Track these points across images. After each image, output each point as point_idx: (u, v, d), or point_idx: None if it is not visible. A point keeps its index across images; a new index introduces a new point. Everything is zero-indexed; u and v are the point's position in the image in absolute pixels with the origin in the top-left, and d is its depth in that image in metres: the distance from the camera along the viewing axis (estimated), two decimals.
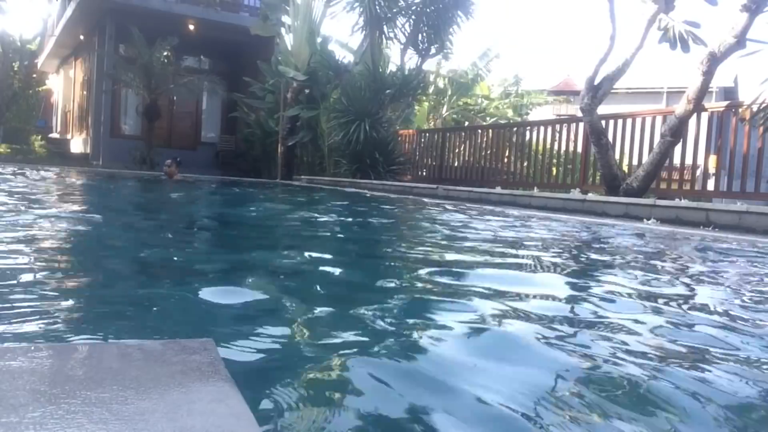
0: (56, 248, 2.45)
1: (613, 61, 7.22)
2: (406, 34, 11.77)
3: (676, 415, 0.96)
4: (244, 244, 3.14)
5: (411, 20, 11.64)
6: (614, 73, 7.20)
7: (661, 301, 1.91)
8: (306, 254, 2.60)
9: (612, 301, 1.87)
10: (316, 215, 5.22)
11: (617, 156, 7.48)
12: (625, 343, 1.34)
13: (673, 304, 1.90)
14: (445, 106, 16.70)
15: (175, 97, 16.24)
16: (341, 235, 3.89)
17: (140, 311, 1.46)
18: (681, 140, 6.75)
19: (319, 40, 12.83)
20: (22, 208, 3.99)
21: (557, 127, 9.25)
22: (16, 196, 5.05)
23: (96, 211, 4.39)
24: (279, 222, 4.64)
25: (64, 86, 22.76)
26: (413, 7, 11.54)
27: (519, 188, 8.28)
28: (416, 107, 14.26)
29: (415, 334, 1.37)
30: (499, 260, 2.73)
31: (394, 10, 11.55)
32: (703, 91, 6.36)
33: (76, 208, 4.51)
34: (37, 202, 4.74)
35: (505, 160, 9.98)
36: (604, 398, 1.01)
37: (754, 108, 6.00)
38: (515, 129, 10.23)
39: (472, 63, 16.69)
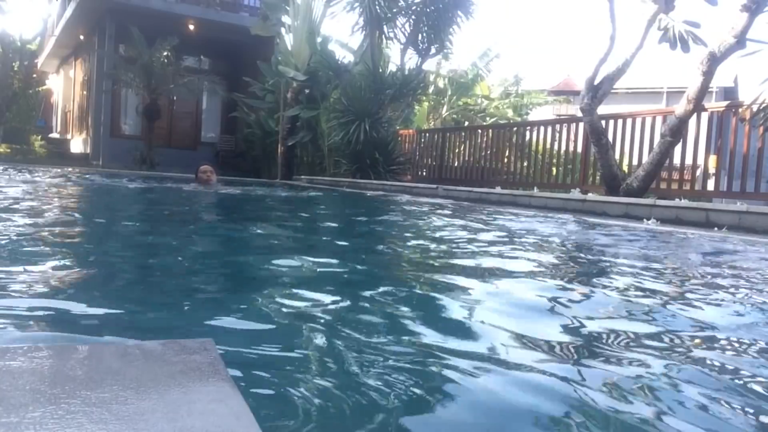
0: None
1: (613, 61, 7.22)
2: (406, 34, 11.76)
3: None
4: None
5: (411, 20, 11.63)
6: (614, 73, 7.19)
7: None
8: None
9: None
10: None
11: (617, 156, 7.48)
12: None
13: None
14: (445, 106, 16.70)
15: (175, 97, 16.23)
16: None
17: None
18: (681, 140, 6.74)
19: (319, 40, 12.83)
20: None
21: (557, 127, 9.25)
22: None
23: None
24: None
25: (64, 86, 22.76)
26: (413, 7, 11.53)
27: (519, 188, 8.28)
28: (416, 107, 14.25)
29: (428, 337, 1.36)
30: None
31: (394, 10, 11.53)
32: (703, 91, 6.35)
33: None
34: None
35: (505, 160, 9.97)
36: None
37: (754, 108, 6.00)
38: (515, 129, 10.22)
39: (472, 63, 16.69)
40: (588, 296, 2.04)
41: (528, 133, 9.63)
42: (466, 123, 16.19)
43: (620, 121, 7.60)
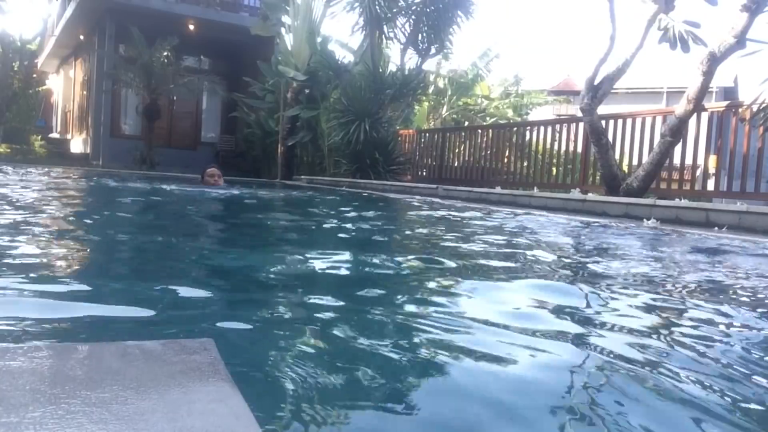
0: None
1: (613, 61, 7.22)
2: (406, 34, 11.76)
3: None
4: None
5: (411, 20, 11.63)
6: (614, 73, 7.19)
7: None
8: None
9: None
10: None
11: (617, 156, 7.48)
12: None
13: None
14: (445, 106, 16.70)
15: (175, 97, 16.24)
16: None
17: None
18: (681, 140, 6.74)
19: (319, 40, 12.83)
20: None
21: (557, 127, 9.25)
22: None
23: None
24: None
25: (64, 86, 22.76)
26: (413, 7, 11.53)
27: (519, 188, 8.28)
28: (416, 107, 14.25)
29: (429, 337, 1.36)
30: None
31: (394, 10, 11.53)
32: (703, 91, 6.35)
33: None
34: None
35: (505, 160, 9.97)
36: None
37: (754, 108, 6.00)
38: (515, 129, 10.22)
39: (472, 63, 16.70)
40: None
41: (528, 133, 9.62)
42: (466, 123, 16.19)
43: (620, 121, 7.60)
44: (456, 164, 10.92)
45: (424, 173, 11.43)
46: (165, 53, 14.41)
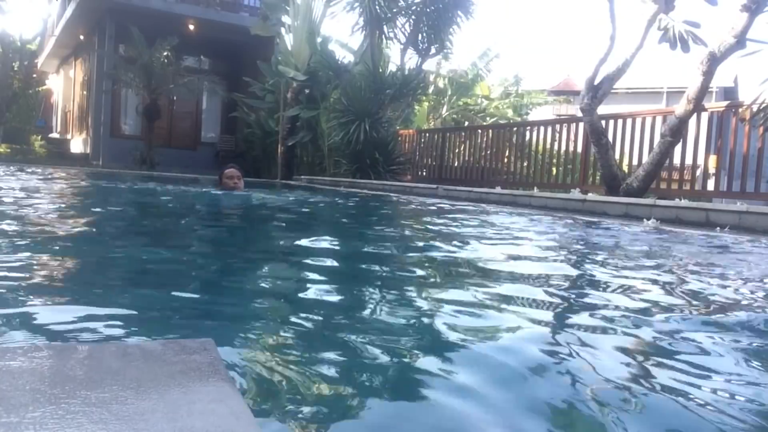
0: None
1: (613, 61, 7.22)
2: (406, 34, 11.76)
3: None
4: None
5: (411, 20, 11.64)
6: (614, 73, 7.19)
7: None
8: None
9: None
10: None
11: (617, 156, 7.48)
12: None
13: None
14: (445, 106, 16.70)
15: (175, 97, 16.24)
16: None
17: None
18: (681, 140, 6.75)
19: (319, 40, 12.83)
20: None
21: (557, 127, 9.25)
22: None
23: None
24: None
25: (64, 86, 22.76)
26: (413, 7, 11.53)
27: (519, 188, 8.28)
28: (416, 107, 14.25)
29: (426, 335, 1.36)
30: None
31: (394, 10, 11.54)
32: (703, 91, 6.36)
33: None
34: None
35: (505, 160, 9.98)
36: None
37: (754, 108, 6.00)
38: (515, 129, 10.23)
39: (472, 63, 16.71)
40: None
41: (528, 133, 9.63)
42: (466, 123, 16.20)
43: (620, 121, 7.60)
44: (456, 164, 10.92)
45: (424, 173, 11.44)
46: (165, 53, 14.41)
